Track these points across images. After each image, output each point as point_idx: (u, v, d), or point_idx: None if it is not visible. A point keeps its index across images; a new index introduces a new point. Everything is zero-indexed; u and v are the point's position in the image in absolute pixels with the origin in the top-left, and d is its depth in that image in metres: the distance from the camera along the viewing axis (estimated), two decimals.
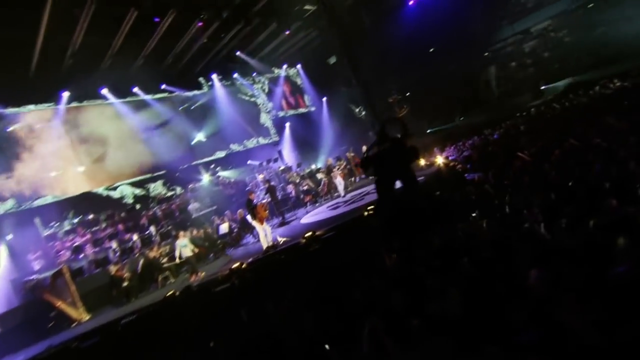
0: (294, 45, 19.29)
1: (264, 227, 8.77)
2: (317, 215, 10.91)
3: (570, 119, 9.63)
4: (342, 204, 10.89)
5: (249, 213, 9.02)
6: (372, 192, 10.57)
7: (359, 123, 18.82)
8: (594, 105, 10.38)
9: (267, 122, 19.76)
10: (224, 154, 17.77)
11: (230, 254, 10.73)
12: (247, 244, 11.26)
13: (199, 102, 17.68)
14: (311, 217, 11.00)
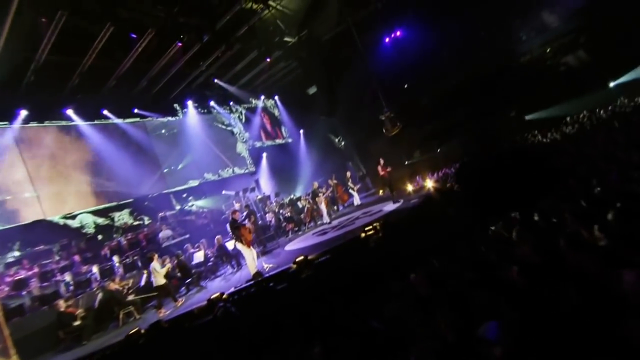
0: (273, 75, 18.91)
1: (251, 251, 7.61)
2: (303, 243, 9.87)
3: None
4: (330, 230, 9.93)
5: (233, 234, 7.85)
6: (361, 217, 9.76)
7: (338, 153, 18.29)
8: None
9: (243, 152, 18.81)
10: (197, 183, 16.48)
11: (205, 285, 9.32)
12: (225, 274, 9.90)
13: (173, 129, 16.57)
14: (296, 245, 9.92)
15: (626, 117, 9.88)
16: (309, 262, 6.71)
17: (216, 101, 17.96)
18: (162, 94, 15.92)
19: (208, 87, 17.44)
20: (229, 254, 9.89)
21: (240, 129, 19.00)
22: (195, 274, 9.36)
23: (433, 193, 8.81)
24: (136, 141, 15.07)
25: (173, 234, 12.06)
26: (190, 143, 16.73)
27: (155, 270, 8.32)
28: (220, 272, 10.37)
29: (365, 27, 17.46)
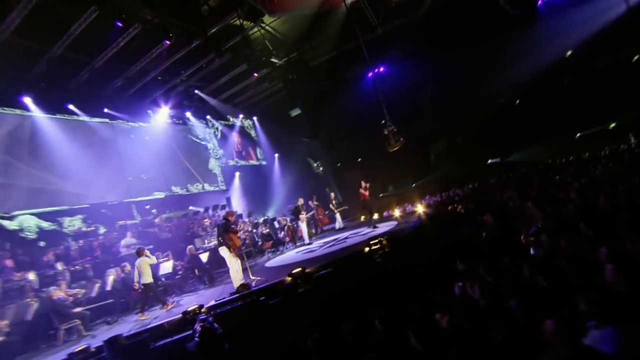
0: (256, 94, 18.28)
1: (237, 261, 6.46)
2: (287, 260, 8.76)
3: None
4: (318, 248, 8.94)
5: (222, 238, 6.65)
6: (352, 237, 8.93)
7: (316, 178, 17.58)
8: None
9: (215, 169, 17.55)
10: (163, 195, 14.91)
11: (173, 300, 7.82)
12: (197, 291, 8.46)
13: (143, 136, 15.12)
14: (279, 262, 8.80)
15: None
16: (307, 275, 5.70)
17: (193, 113, 16.86)
18: (136, 98, 14.62)
19: (187, 97, 16.39)
20: (201, 267, 8.52)
21: (214, 144, 17.86)
22: (162, 286, 7.84)
23: (435, 214, 8.24)
24: (101, 143, 13.51)
25: (135, 242, 10.42)
26: (160, 153, 15.30)
27: (144, 265, 7.14)
28: (190, 289, 8.88)
29: (350, 60, 17.58)
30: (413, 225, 7.40)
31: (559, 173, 9.41)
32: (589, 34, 14.87)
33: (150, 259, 7.48)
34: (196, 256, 8.61)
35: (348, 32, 14.54)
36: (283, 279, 6.11)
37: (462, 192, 12.18)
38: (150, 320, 6.43)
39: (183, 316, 5.33)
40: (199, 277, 8.58)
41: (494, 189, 10.01)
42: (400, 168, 19.12)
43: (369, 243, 6.18)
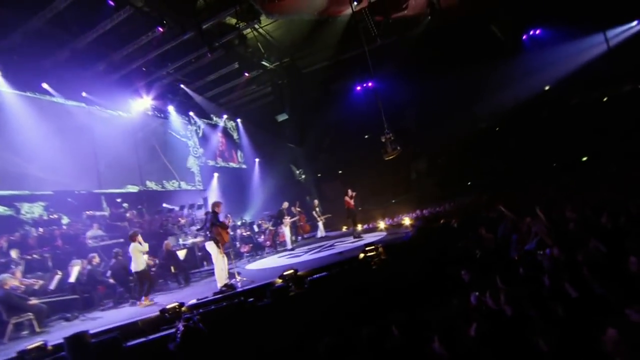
0: (242, 96, 17.82)
1: (224, 258, 5.93)
2: (269, 264, 8.25)
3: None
4: (303, 253, 8.50)
5: (210, 232, 6.09)
6: (339, 245, 8.58)
7: (297, 185, 17.18)
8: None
9: (194, 168, 16.79)
10: (137, 189, 14.01)
11: (151, 298, 7.08)
12: (172, 290, 7.74)
13: (122, 126, 14.23)
14: (260, 266, 8.27)
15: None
16: (299, 278, 5.28)
17: (176, 108, 16.15)
18: (118, 85, 13.77)
19: (171, 91, 15.71)
20: (178, 265, 7.85)
21: (195, 143, 17.14)
22: (133, 282, 7.10)
23: (428, 226, 8.04)
24: (75, 127, 12.54)
25: (103, 235, 9.56)
26: (137, 145, 14.46)
27: (136, 251, 6.73)
28: (163, 287, 8.13)
29: (341, 72, 17.58)
30: (406, 235, 7.16)
31: (546, 195, 9.54)
32: (568, 71, 15.58)
33: (142, 245, 6.96)
34: (173, 253, 7.93)
35: (345, 42, 14.55)
36: (272, 280, 5.65)
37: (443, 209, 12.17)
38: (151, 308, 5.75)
39: (161, 314, 4.74)
40: (174, 275, 7.89)
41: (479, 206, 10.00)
42: (381, 183, 19.09)
43: (365, 249, 5.85)
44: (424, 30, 14.16)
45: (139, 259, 6.92)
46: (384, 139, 9.96)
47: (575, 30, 14.59)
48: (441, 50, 15.39)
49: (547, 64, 15.66)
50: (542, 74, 16.11)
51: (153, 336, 4.39)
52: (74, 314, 6.82)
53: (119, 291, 7.08)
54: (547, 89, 16.89)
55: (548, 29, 15.67)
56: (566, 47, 15.06)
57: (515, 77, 16.40)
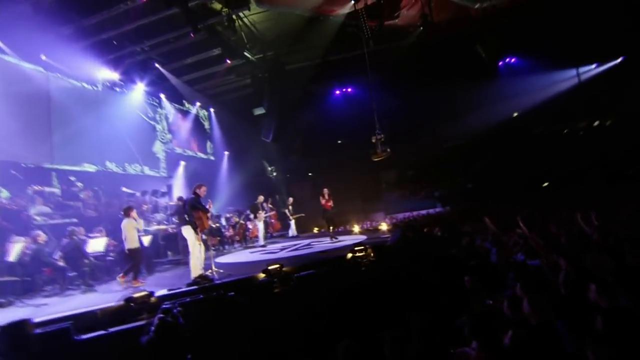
0: (220, 85, 16.96)
1: (201, 246, 5.28)
2: (240, 258, 7.62)
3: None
4: (279, 251, 7.96)
5: (189, 215, 5.41)
6: (316, 244, 8.14)
7: (268, 183, 16.55)
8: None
9: (159, 153, 15.65)
10: (94, 169, 12.73)
11: (96, 289, 6.16)
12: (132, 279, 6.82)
13: (83, 98, 12.92)
14: (230, 259, 7.61)
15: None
16: (285, 275, 4.79)
17: (147, 88, 15.00)
18: (86, 54, 12.47)
19: (144, 69, 14.55)
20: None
21: (164, 127, 16.02)
22: (87, 267, 6.16)
23: (417, 231, 7.79)
24: (29, 93, 11.18)
25: (52, 212, 8.41)
26: (100, 122, 13.16)
27: (130, 227, 6.24)
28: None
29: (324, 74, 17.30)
30: (392, 239, 6.86)
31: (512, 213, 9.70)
32: (536, 101, 16.39)
33: (137, 222, 6.46)
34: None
35: (333, 44, 14.29)
36: (253, 275, 5.10)
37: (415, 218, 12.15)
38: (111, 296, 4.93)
39: (126, 304, 4.03)
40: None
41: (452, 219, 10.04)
42: (350, 189, 18.92)
43: (354, 249, 5.48)
44: (411, 43, 14.24)
45: (133, 236, 6.38)
46: (374, 140, 9.73)
47: (549, 63, 15.37)
48: (424, 65, 15.60)
49: (519, 91, 16.37)
50: (512, 100, 16.82)
51: (116, 329, 3.69)
52: (8, 298, 5.80)
53: (69, 276, 6.12)
54: (515, 115, 17.66)
55: (523, 59, 16.42)
56: (538, 78, 15.84)
57: (487, 101, 17.00)
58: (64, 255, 6.34)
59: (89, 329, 3.79)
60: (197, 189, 5.93)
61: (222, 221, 11.31)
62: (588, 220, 6.19)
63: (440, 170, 17.68)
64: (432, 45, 14.35)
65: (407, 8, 12.19)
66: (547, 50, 14.95)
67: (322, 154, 19.91)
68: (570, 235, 5.45)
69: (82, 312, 4.06)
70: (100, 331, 3.68)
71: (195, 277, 5.08)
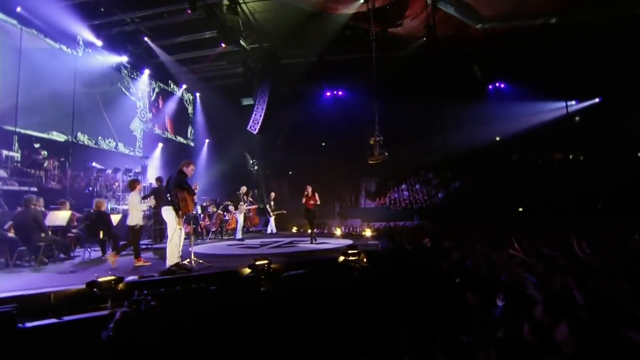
0: (209, 70, 16.14)
1: (181, 231, 4.66)
2: (218, 250, 6.98)
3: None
4: (259, 247, 7.37)
5: (172, 194, 4.74)
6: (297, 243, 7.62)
7: (248, 177, 15.85)
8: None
9: (137, 132, 14.61)
10: (63, 139, 11.63)
11: (51, 268, 5.33)
12: (95, 261, 6.02)
13: (60, 62, 11.80)
14: (208, 250, 6.95)
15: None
16: (273, 272, 4.27)
17: (131, 62, 13.99)
18: (68, 15, 11.44)
19: (131, 41, 13.57)
20: (109, 230, 6.16)
21: (145, 105, 15.00)
22: (44, 241, 5.30)
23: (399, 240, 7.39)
24: None
25: (7, 177, 7.43)
26: (77, 90, 12.07)
27: (135, 203, 5.72)
28: (77, 253, 6.37)
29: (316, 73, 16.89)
30: (382, 246, 6.44)
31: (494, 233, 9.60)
32: (518, 127, 16.70)
33: (137, 196, 5.87)
34: (106, 215, 6.24)
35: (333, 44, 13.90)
36: (234, 268, 4.53)
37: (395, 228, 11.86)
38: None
39: (87, 288, 3.38)
40: (101, 242, 6.20)
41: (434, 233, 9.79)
42: (328, 193, 18.51)
43: (347, 252, 5.04)
44: (408, 55, 14.09)
45: (138, 212, 5.80)
46: (372, 141, 9.31)
47: (534, 93, 15.71)
48: (418, 77, 15.53)
49: (504, 116, 16.63)
50: (497, 124, 17.07)
51: (71, 317, 3.04)
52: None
53: (20, 250, 5.26)
54: (497, 139, 17.94)
55: (511, 85, 16.73)
56: (523, 106, 16.15)
57: (473, 121, 17.16)
58: (15, 226, 5.43)
59: (37, 315, 3.12)
60: (185, 166, 5.09)
61: (198, 209, 10.56)
62: (580, 247, 6.06)
63: (420, 185, 17.63)
64: (428, 59, 14.28)
65: (411, 18, 12.03)
66: (534, 80, 15.27)
67: (305, 154, 19.47)
68: (567, 259, 5.27)
69: (31, 293, 3.35)
70: (51, 319, 3.02)
71: (171, 265, 4.45)
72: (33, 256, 5.27)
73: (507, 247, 6.83)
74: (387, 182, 18.36)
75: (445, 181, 17.44)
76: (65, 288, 3.47)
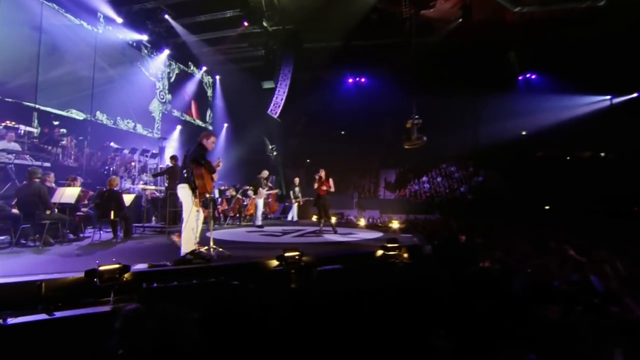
0: (230, 52, 15.44)
1: (199, 214, 4.03)
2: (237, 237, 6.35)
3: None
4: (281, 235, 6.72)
5: (187, 172, 4.10)
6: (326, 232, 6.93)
7: (267, 162, 15.22)
8: None
9: (156, 113, 14.11)
10: (82, 118, 11.17)
11: (57, 249, 4.79)
12: (103, 243, 5.48)
13: (82, 40, 11.28)
14: (225, 236, 6.34)
15: None
16: (306, 266, 3.60)
17: (151, 41, 13.38)
18: None
19: (152, 18, 12.94)
20: (121, 211, 5.61)
21: (164, 86, 14.46)
22: (50, 219, 4.76)
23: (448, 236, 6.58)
24: (19, 21, 9.59)
25: (20, 150, 6.95)
26: (96, 68, 11.60)
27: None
28: (87, 233, 5.87)
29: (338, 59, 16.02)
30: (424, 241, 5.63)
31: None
32: (547, 122, 15.52)
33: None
34: (118, 194, 5.68)
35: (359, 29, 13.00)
36: (259, 259, 3.88)
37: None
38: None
39: (86, 278, 2.77)
40: (112, 222, 5.65)
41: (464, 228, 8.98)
42: (347, 183, 17.82)
43: (387, 247, 4.33)
44: (438, 42, 13.08)
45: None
46: (409, 124, 8.43)
47: (568, 86, 14.49)
48: (444, 67, 14.49)
49: (533, 110, 15.49)
50: (524, 118, 15.94)
51: (64, 313, 2.44)
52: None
53: (23, 227, 4.78)
54: (523, 133, 16.82)
55: (544, 76, 15.52)
56: (560, 98, 14.95)
57: (499, 114, 16.08)
58: (18, 201, 4.84)
59: (25, 308, 2.53)
60: (205, 138, 4.33)
61: (216, 193, 9.99)
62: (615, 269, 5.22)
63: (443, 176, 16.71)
64: (457, 47, 13.26)
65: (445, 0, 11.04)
66: (568, 73, 14.05)
67: (323, 142, 18.73)
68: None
69: (17, 281, 2.75)
70: (41, 314, 2.42)
71: (186, 252, 3.84)
72: (37, 235, 4.74)
73: (559, 249, 6.02)
74: (408, 175, 17.50)
75: (468, 175, 16.46)
76: (59, 276, 2.87)
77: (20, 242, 4.76)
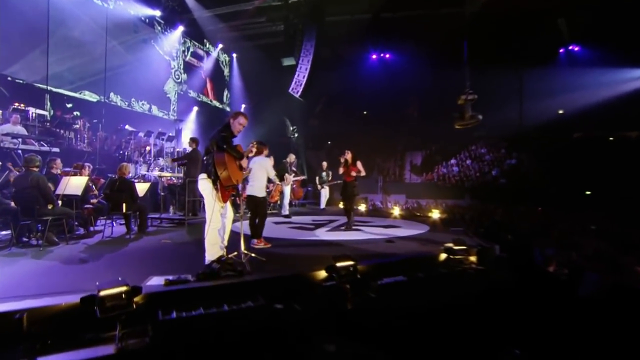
0: (247, 28, 14.40)
1: (221, 210, 3.25)
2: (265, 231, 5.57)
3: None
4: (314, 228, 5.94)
5: (208, 158, 3.28)
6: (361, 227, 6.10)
7: (287, 144, 14.40)
8: None
9: (171, 94, 13.37)
10: (95, 100, 10.53)
11: (60, 251, 4.13)
12: (113, 240, 4.81)
13: (93, 18, 10.48)
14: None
15: None
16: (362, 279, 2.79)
17: (165, 17, 12.48)
18: None
19: None
20: (133, 202, 4.91)
21: (179, 65, 13.63)
22: (52, 214, 4.09)
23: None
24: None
25: (27, 134, 6.31)
26: (109, 49, 10.83)
27: (263, 169, 4.69)
28: (99, 226, 5.23)
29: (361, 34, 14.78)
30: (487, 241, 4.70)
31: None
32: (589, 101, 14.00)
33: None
34: (130, 184, 4.96)
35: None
36: (304, 272, 3.07)
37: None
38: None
39: (82, 305, 2.05)
40: (125, 216, 4.95)
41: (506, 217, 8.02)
42: (371, 165, 16.82)
43: (452, 249, 3.49)
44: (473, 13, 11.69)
45: (261, 182, 4.59)
46: (462, 100, 7.37)
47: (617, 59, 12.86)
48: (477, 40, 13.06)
49: (574, 86, 13.96)
50: (564, 95, 14.45)
51: (52, 358, 1.72)
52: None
53: (22, 224, 4.16)
54: (561, 112, 15.34)
55: (588, 48, 13.89)
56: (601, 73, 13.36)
57: (536, 91, 14.65)
58: (15, 194, 4.09)
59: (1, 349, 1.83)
60: (233, 118, 3.48)
61: None
62: None
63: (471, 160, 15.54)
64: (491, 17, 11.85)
65: None
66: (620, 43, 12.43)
67: (344, 124, 17.70)
68: None
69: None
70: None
71: (211, 260, 3.05)
72: (39, 233, 4.09)
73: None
74: (435, 157, 16.37)
75: (500, 157, 15.24)
76: (48, 303, 2.15)
77: (22, 240, 4.13)
